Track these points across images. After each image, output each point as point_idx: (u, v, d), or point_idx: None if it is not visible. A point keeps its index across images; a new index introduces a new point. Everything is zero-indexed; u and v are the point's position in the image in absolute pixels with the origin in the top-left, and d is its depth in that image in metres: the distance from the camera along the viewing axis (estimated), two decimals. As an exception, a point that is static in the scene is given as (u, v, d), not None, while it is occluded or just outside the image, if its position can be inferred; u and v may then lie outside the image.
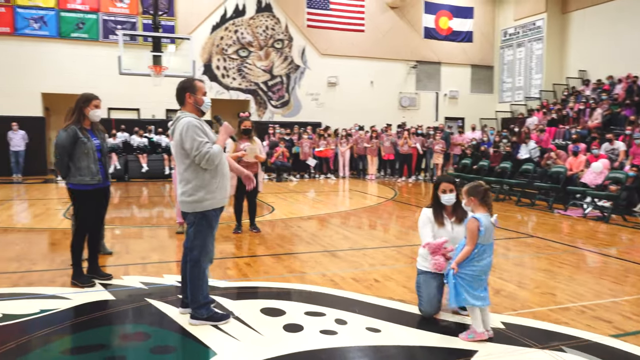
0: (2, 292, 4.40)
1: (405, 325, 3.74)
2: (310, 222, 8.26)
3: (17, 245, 6.24)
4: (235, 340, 3.44)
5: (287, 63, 19.10)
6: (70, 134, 4.49)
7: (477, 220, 3.48)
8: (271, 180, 15.67)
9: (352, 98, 19.75)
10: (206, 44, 18.08)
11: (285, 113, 19.23)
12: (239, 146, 7.11)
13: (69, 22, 16.47)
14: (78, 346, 3.37)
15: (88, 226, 4.68)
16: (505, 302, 4.33)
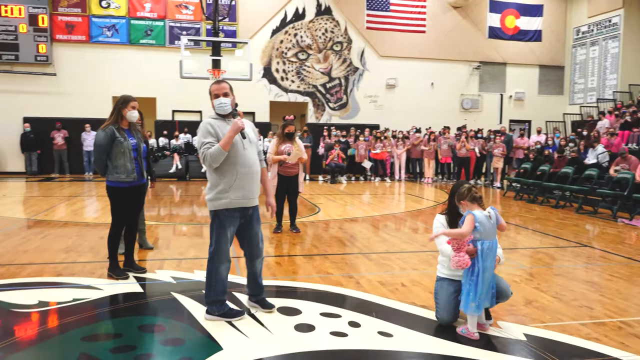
0: (44, 281, 4.71)
1: (420, 332, 3.63)
2: (352, 224, 8.21)
3: (70, 238, 6.65)
4: (244, 336, 3.48)
5: (346, 65, 19.12)
6: (108, 133, 4.73)
7: (472, 214, 3.57)
8: (325, 182, 15.73)
9: (411, 100, 19.45)
10: (266, 48, 18.46)
11: (343, 115, 19.25)
12: (281, 147, 7.21)
13: (139, 30, 17.37)
14: (96, 334, 3.54)
15: (123, 222, 4.90)
16: (534, 313, 4.09)
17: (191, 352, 3.22)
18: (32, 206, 9.82)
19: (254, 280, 4.01)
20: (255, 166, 3.79)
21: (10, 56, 16.46)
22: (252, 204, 3.79)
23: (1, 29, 16.40)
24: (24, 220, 8.03)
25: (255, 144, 3.86)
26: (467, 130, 16.62)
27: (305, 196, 11.89)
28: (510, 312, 4.09)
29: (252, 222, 3.85)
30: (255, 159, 3.82)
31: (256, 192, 3.81)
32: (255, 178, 3.80)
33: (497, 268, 3.72)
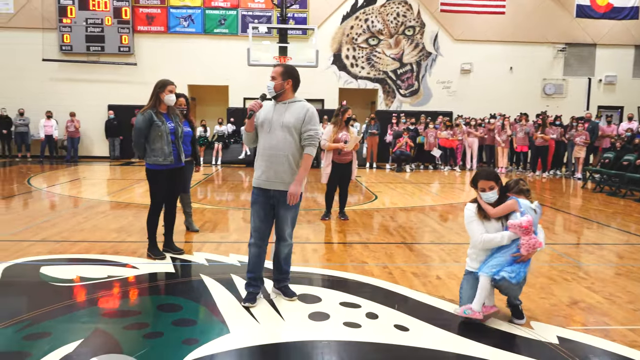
0: (88, 258, 4.97)
1: (438, 327, 3.41)
2: (405, 213, 7.94)
3: (127, 219, 6.97)
4: (254, 322, 3.45)
5: (418, 50, 18.53)
6: (146, 117, 4.85)
7: (515, 199, 3.51)
8: (392, 170, 15.42)
9: (487, 86, 18.49)
10: (336, 34, 18.31)
11: (414, 102, 18.71)
12: (338, 135, 7.09)
13: (213, 19, 17.88)
14: (116, 310, 3.65)
15: (161, 204, 5.03)
16: (577, 315, 3.71)
17: (199, 334, 3.23)
18: (104, 188, 10.47)
19: (276, 263, 3.96)
20: (277, 150, 3.68)
21: (97, 47, 17.58)
22: (271, 187, 3.72)
23: (90, 22, 17.53)
24: (93, 201, 8.55)
25: (289, 128, 3.70)
26: (543, 116, 15.51)
27: (365, 184, 11.71)
28: (549, 312, 3.73)
29: (279, 206, 3.78)
30: (279, 142, 3.69)
31: (279, 177, 3.70)
32: (276, 161, 3.68)
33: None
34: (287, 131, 3.69)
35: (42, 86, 17.42)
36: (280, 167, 3.70)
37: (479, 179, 3.56)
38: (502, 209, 3.51)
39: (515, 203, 3.51)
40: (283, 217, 3.79)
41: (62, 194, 9.44)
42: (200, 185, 11.10)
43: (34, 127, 16.95)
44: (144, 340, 3.14)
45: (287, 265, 3.95)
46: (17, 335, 3.15)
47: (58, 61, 17.49)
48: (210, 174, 13.55)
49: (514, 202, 3.51)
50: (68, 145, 16.81)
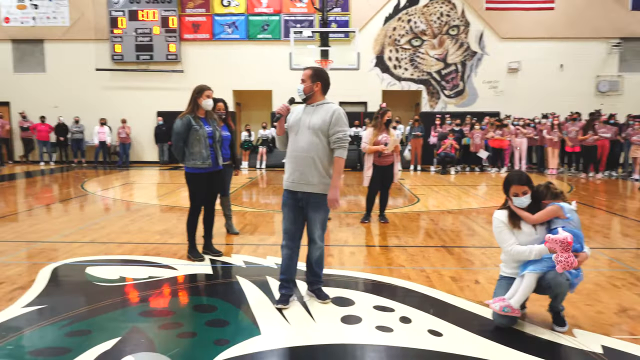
0: (131, 259, 5.13)
1: (473, 333, 3.31)
2: (447, 216, 7.77)
3: (170, 221, 7.16)
4: (286, 323, 3.46)
5: (463, 50, 18.15)
6: (185, 122, 4.97)
7: (558, 205, 3.37)
8: (437, 173, 15.15)
9: (536, 84, 17.88)
10: (378, 36, 18.20)
11: (459, 103, 18.32)
12: (378, 137, 7.04)
13: (256, 25, 18.16)
14: (153, 310, 3.75)
15: (200, 206, 5.13)
16: (626, 323, 3.51)
17: (230, 335, 3.26)
18: (151, 192, 10.80)
19: (308, 266, 3.97)
20: (303, 151, 3.69)
21: (146, 56, 18.20)
22: (298, 188, 3.74)
23: (139, 32, 18.17)
24: (140, 204, 8.84)
25: (315, 130, 3.71)
26: (596, 115, 14.84)
27: (408, 186, 11.56)
28: (595, 320, 3.55)
29: (307, 208, 3.79)
30: (306, 144, 3.69)
31: (305, 179, 3.70)
32: (302, 163, 3.69)
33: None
34: (314, 133, 3.69)
35: (95, 94, 18.20)
36: (306, 168, 3.70)
37: (512, 184, 3.43)
38: (543, 215, 3.36)
39: (559, 209, 3.35)
40: (312, 220, 3.79)
41: (112, 198, 9.81)
42: (244, 189, 11.27)
43: (89, 134, 17.71)
44: (177, 339, 3.20)
45: (319, 267, 3.94)
46: (60, 332, 3.29)
47: (110, 70, 18.22)
48: (255, 178, 13.75)
49: (558, 208, 3.36)
50: (120, 150, 17.48)
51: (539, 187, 3.49)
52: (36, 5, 18.31)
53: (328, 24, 15.85)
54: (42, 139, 17.57)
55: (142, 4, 18.11)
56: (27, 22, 18.33)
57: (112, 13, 18.09)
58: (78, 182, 12.36)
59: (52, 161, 17.94)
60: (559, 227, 3.28)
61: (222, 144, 5.68)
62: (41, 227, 6.68)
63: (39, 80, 18.33)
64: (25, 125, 17.78)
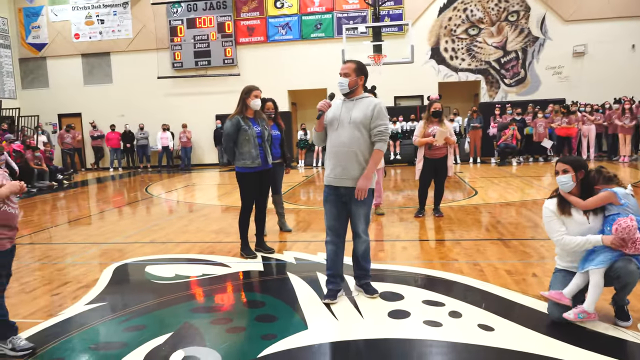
0: (188, 257, 5.31)
1: (528, 328, 3.17)
2: (505, 209, 7.50)
3: (226, 220, 7.36)
4: (333, 319, 3.46)
5: (523, 36, 17.40)
6: (234, 122, 5.08)
7: (611, 190, 3.18)
8: (497, 165, 14.64)
9: (605, 68, 16.82)
10: (433, 27, 17.81)
11: (521, 91, 17.58)
12: (428, 130, 6.92)
13: (309, 25, 18.28)
14: (205, 306, 3.86)
15: (251, 205, 5.23)
16: (699, 317, 3.24)
17: (278, 330, 3.30)
18: (211, 193, 11.14)
19: (355, 260, 3.95)
20: (345, 146, 3.67)
21: (204, 62, 18.78)
22: (340, 184, 3.72)
23: (197, 39, 18.78)
24: (199, 205, 9.14)
25: (356, 124, 3.69)
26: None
27: (467, 179, 11.25)
28: (664, 315, 3.30)
29: (350, 203, 3.77)
30: (347, 138, 3.67)
31: (348, 173, 3.68)
32: (344, 158, 3.67)
33: None
34: (356, 127, 3.66)
35: (158, 102, 18.99)
36: (348, 163, 3.68)
37: (558, 162, 3.29)
38: (595, 201, 3.18)
39: (613, 195, 3.15)
40: (355, 214, 3.76)
41: (173, 200, 10.20)
42: (300, 187, 11.38)
43: (153, 140, 18.51)
44: (226, 334, 3.28)
45: (365, 261, 3.91)
46: (119, 327, 3.45)
47: (171, 77, 18.95)
48: (311, 176, 13.85)
49: (611, 194, 3.16)
50: (182, 154, 18.15)
51: (590, 172, 3.30)
52: (102, 20, 19.34)
53: (381, 18, 15.70)
54: (113, 146, 18.57)
55: (199, 11, 18.70)
56: (95, 37, 19.41)
57: (171, 22, 18.80)
58: (143, 186, 12.95)
59: (120, 167, 18.90)
60: (614, 214, 3.09)
61: (272, 143, 5.76)
62: (107, 229, 7.05)
63: (106, 91, 19.38)
64: (95, 134, 18.83)
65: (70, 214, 8.82)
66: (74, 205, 9.95)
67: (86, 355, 3.05)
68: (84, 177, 16.68)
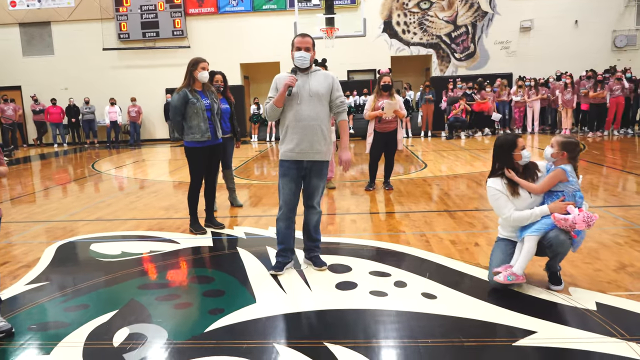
0: (134, 234, 5.21)
1: (469, 295, 3.30)
2: (453, 181, 7.71)
3: (176, 196, 7.25)
4: (281, 292, 3.49)
5: (473, 11, 17.66)
6: (181, 95, 4.96)
7: (564, 169, 3.23)
8: (446, 138, 14.96)
9: (550, 43, 17.35)
10: (386, 1, 17.79)
11: (470, 66, 17.94)
12: (377, 103, 6.97)
13: (261, -4, 17.89)
14: (151, 283, 3.81)
15: (200, 180, 5.15)
16: (623, 280, 3.47)
17: (226, 304, 3.30)
18: (161, 169, 10.91)
19: (306, 232, 3.98)
20: (311, 120, 3.67)
21: (152, 33, 18.13)
22: (305, 157, 3.72)
23: (144, 9, 18.06)
24: (148, 181, 8.94)
25: (319, 97, 3.70)
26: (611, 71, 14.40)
27: (417, 152, 11.46)
28: (592, 278, 3.51)
29: (311, 175, 3.79)
30: (312, 112, 3.68)
31: (314, 147, 3.70)
32: (310, 132, 3.67)
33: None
34: (318, 100, 3.70)
35: (104, 74, 18.26)
36: (314, 137, 3.70)
37: (518, 138, 3.34)
38: (548, 183, 3.26)
39: (562, 173, 3.23)
40: (315, 186, 3.82)
41: (121, 176, 9.93)
42: (253, 161, 11.30)
43: (100, 114, 17.84)
44: (173, 310, 3.26)
45: (316, 233, 3.96)
46: (61, 307, 3.37)
47: (117, 49, 18.21)
48: (264, 150, 13.75)
49: (561, 172, 3.23)
50: (131, 129, 17.61)
51: (576, 145, 3.30)
52: (41, -14, 18.26)
53: (332, -10, 15.52)
54: (55, 121, 17.75)
55: (146, -20, 17.93)
56: (33, 5, 18.34)
57: (115, -9, 17.97)
58: (90, 162, 12.52)
59: (65, 143, 18.15)
60: (559, 191, 3.25)
61: (222, 117, 5.67)
62: (50, 207, 6.81)
63: (48, 63, 18.45)
64: (37, 108, 17.95)
65: (12, 191, 8.45)
66: (15, 182, 9.52)
67: (26, 336, 2.96)
68: (25, 153, 15.95)
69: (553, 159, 3.30)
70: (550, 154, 3.30)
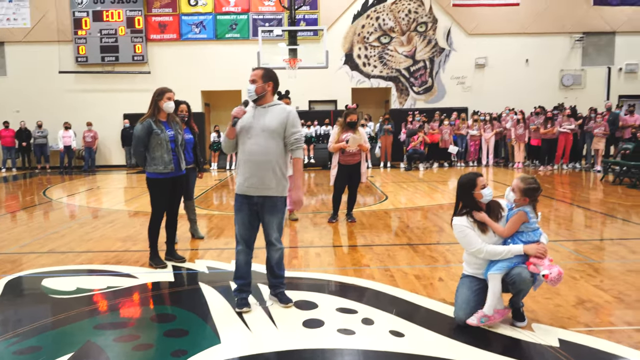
0: (89, 269, 5.00)
1: (435, 332, 3.31)
2: (415, 213, 7.82)
3: (134, 227, 7.02)
4: (247, 331, 3.40)
5: (431, 47, 18.30)
6: (145, 126, 4.85)
7: (526, 212, 3.34)
8: (405, 170, 15.24)
9: (503, 79, 18.15)
10: (347, 34, 18.21)
11: (429, 99, 18.48)
12: (342, 136, 7.03)
13: (224, 24, 17.98)
14: (109, 322, 3.63)
15: (162, 212, 5.02)
16: (582, 315, 3.57)
17: (189, 345, 3.19)
18: (117, 197, 10.59)
19: (269, 269, 3.91)
20: (260, 155, 3.63)
21: (112, 57, 17.84)
22: (255, 193, 3.68)
23: (104, 33, 17.80)
24: (104, 210, 8.64)
25: (270, 132, 3.65)
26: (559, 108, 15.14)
27: (378, 184, 11.60)
28: (553, 314, 3.60)
29: (264, 211, 3.74)
30: (263, 147, 3.63)
31: (264, 183, 3.65)
32: (261, 167, 3.63)
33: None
34: (270, 136, 3.63)
35: (59, 98, 17.77)
36: (264, 173, 3.65)
37: (478, 177, 3.41)
38: (512, 227, 3.35)
39: (524, 215, 3.34)
40: (269, 223, 3.75)
41: (75, 205, 9.58)
42: (213, 190, 11.13)
43: (53, 139, 17.26)
44: (132, 352, 3.12)
45: (280, 270, 3.89)
46: (7, 351, 3.16)
47: (74, 73, 17.80)
48: (224, 179, 13.60)
49: (523, 215, 3.34)
50: (85, 155, 17.10)
51: (536, 190, 3.37)
52: (-5, 6, 17.74)
53: (297, 22, 15.79)
54: (7, 144, 17.05)
55: (107, 4, 17.75)
56: (-14, 25, 17.75)
57: (75, 14, 17.68)
58: (41, 188, 12.03)
59: (14, 167, 17.40)
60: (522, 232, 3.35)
61: (185, 147, 5.58)
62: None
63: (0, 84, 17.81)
64: (-13, 131, 17.22)
65: (-45, 220, 7.99)
66: (-41, 210, 9.02)
67: (-29, 383, 2.76)
68: (-29, 178, 15.19)
69: (515, 203, 3.40)
70: (514, 200, 3.40)
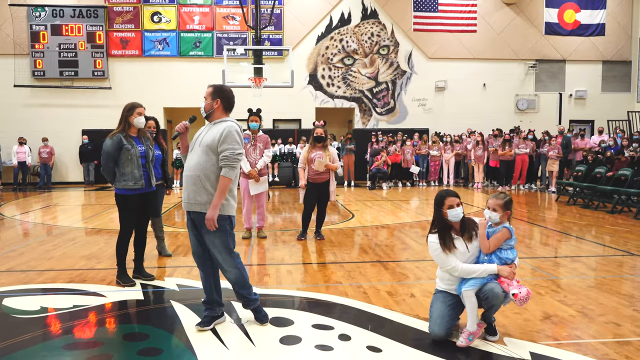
0: (53, 287, 4.82)
1: (412, 347, 3.36)
2: (381, 231, 7.93)
3: (98, 245, 6.82)
4: (224, 348, 3.36)
5: (393, 69, 18.76)
6: (115, 141, 4.78)
7: (509, 229, 3.49)
8: (369, 189, 15.43)
9: (462, 102, 18.77)
10: (312, 54, 18.45)
11: (391, 120, 18.86)
12: (311, 155, 7.09)
13: (188, 42, 17.88)
14: (79, 342, 3.51)
15: (131, 229, 4.91)
16: (550, 329, 3.70)
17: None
18: (76, 214, 10.26)
19: (233, 289, 3.77)
20: (191, 170, 3.57)
21: (71, 72, 17.41)
22: (189, 208, 3.62)
23: (63, 47, 17.38)
24: (64, 228, 8.35)
25: (204, 147, 3.56)
26: (518, 132, 15.77)
27: (343, 202, 11.70)
28: (522, 328, 3.71)
29: (202, 230, 3.59)
30: (194, 162, 3.57)
31: (193, 198, 3.55)
32: (190, 182, 3.57)
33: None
34: (203, 151, 3.56)
35: (14, 112, 17.16)
36: (192, 187, 3.56)
37: (446, 197, 3.51)
38: (497, 243, 3.46)
39: (508, 232, 3.47)
40: (208, 242, 3.60)
41: (32, 222, 9.22)
42: (176, 208, 10.95)
43: (6, 154, 16.61)
44: (106, 372, 3.02)
45: (241, 289, 3.72)
46: (-27, 372, 3.01)
47: (30, 87, 17.26)
48: (187, 197, 13.36)
49: (507, 232, 3.47)
50: (41, 171, 16.50)
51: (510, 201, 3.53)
52: (-54, 16, 17.08)
53: (262, 41, 15.90)
54: (-45, 160, 16.28)
55: (67, 18, 17.37)
56: (-64, 35, 17.04)
57: (33, 27, 17.21)
58: (-6, 205, 11.53)
59: (-36, 183, 16.64)
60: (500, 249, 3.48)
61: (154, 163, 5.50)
62: (-49, 256, 6.14)
63: (-51, 97, 17.05)
64: None
65: None
66: None
67: None
68: None
69: (500, 220, 3.50)
70: (499, 217, 3.49)
